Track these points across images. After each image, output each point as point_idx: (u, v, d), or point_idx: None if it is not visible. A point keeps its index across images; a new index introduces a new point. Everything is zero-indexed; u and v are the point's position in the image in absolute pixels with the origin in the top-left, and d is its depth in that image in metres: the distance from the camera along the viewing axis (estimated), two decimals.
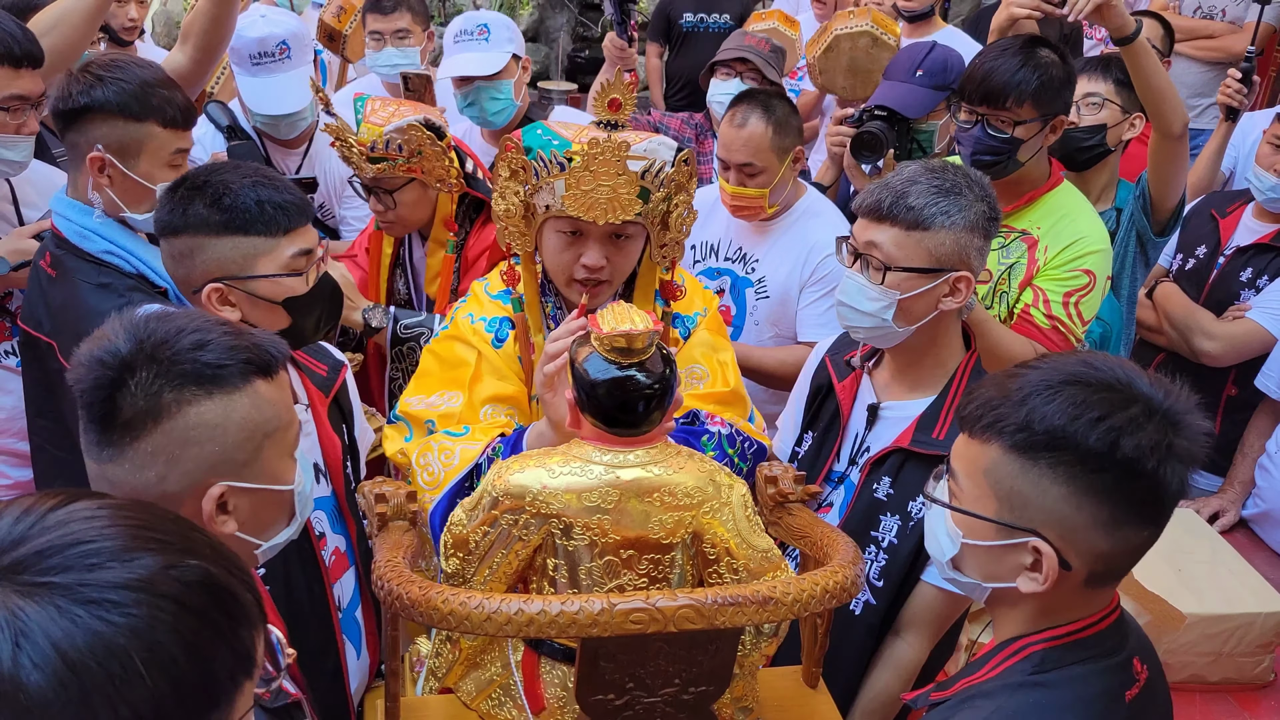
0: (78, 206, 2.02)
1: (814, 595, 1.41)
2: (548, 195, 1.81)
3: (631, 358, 1.50)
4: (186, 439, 1.20)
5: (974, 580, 1.29)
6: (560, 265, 1.89)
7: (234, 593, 0.84)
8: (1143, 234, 2.90)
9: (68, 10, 2.32)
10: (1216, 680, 2.72)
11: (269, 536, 1.33)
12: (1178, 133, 2.64)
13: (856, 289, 1.85)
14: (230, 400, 1.23)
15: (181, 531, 0.85)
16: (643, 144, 1.80)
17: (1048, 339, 2.31)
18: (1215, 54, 4.56)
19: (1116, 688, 1.23)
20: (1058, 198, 2.44)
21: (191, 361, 1.21)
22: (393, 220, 2.51)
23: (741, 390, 2.06)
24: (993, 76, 2.31)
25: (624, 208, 1.77)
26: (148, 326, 1.22)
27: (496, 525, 1.54)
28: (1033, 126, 2.32)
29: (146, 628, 0.76)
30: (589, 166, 1.74)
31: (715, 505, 1.54)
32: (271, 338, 1.32)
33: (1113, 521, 1.17)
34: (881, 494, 1.90)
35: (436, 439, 1.90)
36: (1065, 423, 1.15)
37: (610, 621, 1.32)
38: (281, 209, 1.72)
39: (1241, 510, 3.32)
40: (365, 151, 2.38)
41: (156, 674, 0.75)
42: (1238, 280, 3.29)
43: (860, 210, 1.84)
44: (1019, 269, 2.39)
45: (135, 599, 0.76)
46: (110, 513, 0.82)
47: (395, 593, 1.40)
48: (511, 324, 1.98)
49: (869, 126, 2.75)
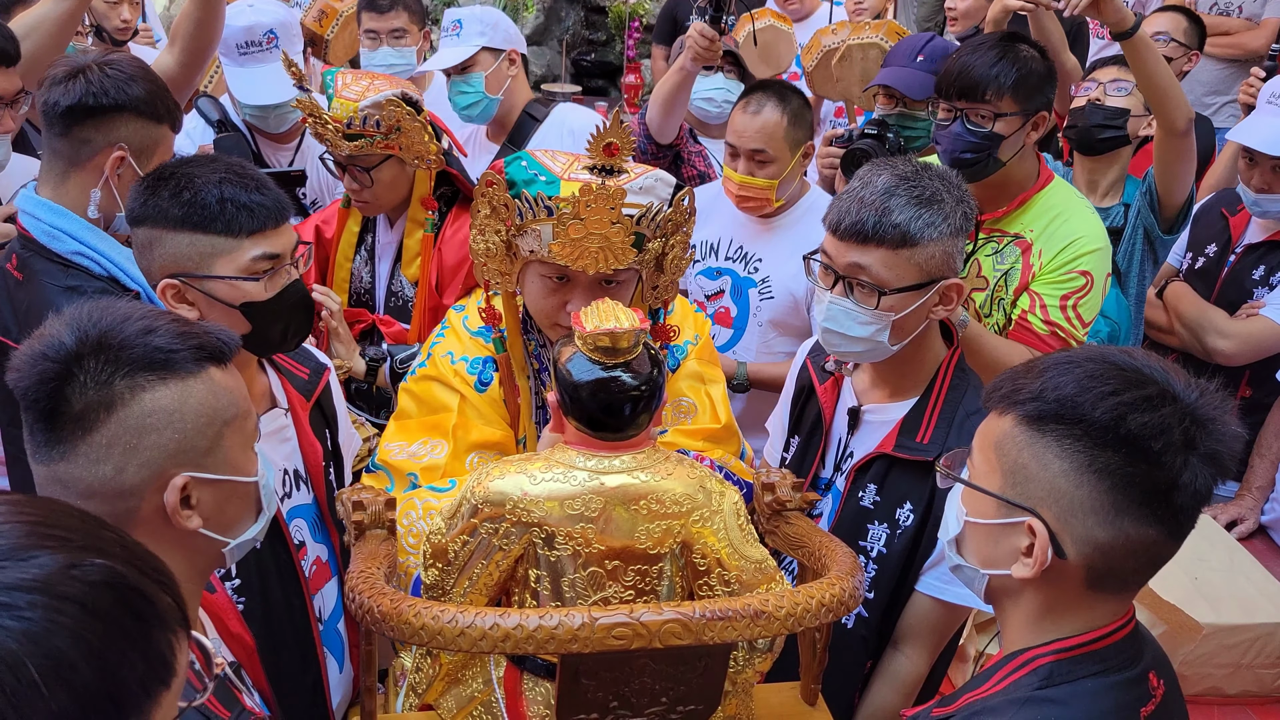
0: (47, 205, 1.97)
1: (809, 609, 1.35)
2: (532, 240, 1.70)
3: (616, 358, 1.44)
4: (143, 426, 1.16)
5: (973, 566, 1.25)
6: (545, 310, 1.79)
7: (145, 593, 0.77)
8: (1150, 231, 2.86)
9: (43, 17, 2.31)
10: (1235, 693, 2.65)
11: (236, 533, 1.28)
12: (1182, 128, 2.60)
13: (844, 314, 1.74)
14: (185, 386, 1.18)
15: (87, 528, 0.78)
16: (638, 181, 1.70)
17: (1046, 345, 2.26)
18: (1232, 50, 4.53)
19: (1131, 703, 1.17)
20: (1049, 197, 2.38)
21: (142, 346, 1.16)
22: (368, 200, 2.45)
23: (733, 425, 1.97)
24: (970, 70, 2.25)
25: (617, 256, 1.66)
26: (90, 317, 1.18)
27: (476, 534, 1.48)
28: (1013, 121, 2.26)
29: (43, 633, 0.70)
30: (579, 214, 1.63)
31: (705, 513, 1.48)
32: (220, 327, 1.28)
33: (1113, 507, 1.13)
34: (868, 502, 1.84)
35: (420, 495, 1.80)
36: (1076, 393, 1.13)
37: (591, 637, 1.27)
38: (246, 209, 1.65)
39: (1261, 517, 3.23)
40: (341, 128, 2.30)
41: (55, 684, 0.69)
42: (1250, 278, 3.21)
43: (838, 231, 1.73)
44: (1014, 275, 2.34)
45: (30, 601, 0.70)
46: (6, 509, 0.76)
47: (366, 605, 1.35)
48: (495, 365, 1.89)
49: (859, 144, 2.71)
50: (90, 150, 1.96)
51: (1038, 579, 1.17)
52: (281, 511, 1.78)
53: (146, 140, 1.98)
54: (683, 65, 2.82)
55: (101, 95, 1.92)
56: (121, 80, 1.94)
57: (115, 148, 1.95)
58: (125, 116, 1.95)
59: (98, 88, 1.92)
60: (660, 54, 5.39)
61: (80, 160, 1.97)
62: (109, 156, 1.95)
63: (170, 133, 2.04)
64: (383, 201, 2.47)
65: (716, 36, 2.74)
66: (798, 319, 2.74)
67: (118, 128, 1.95)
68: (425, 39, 3.58)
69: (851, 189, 1.75)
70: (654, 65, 5.43)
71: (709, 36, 2.73)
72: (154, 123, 1.99)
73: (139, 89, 1.95)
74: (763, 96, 2.66)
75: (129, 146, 1.96)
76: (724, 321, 2.81)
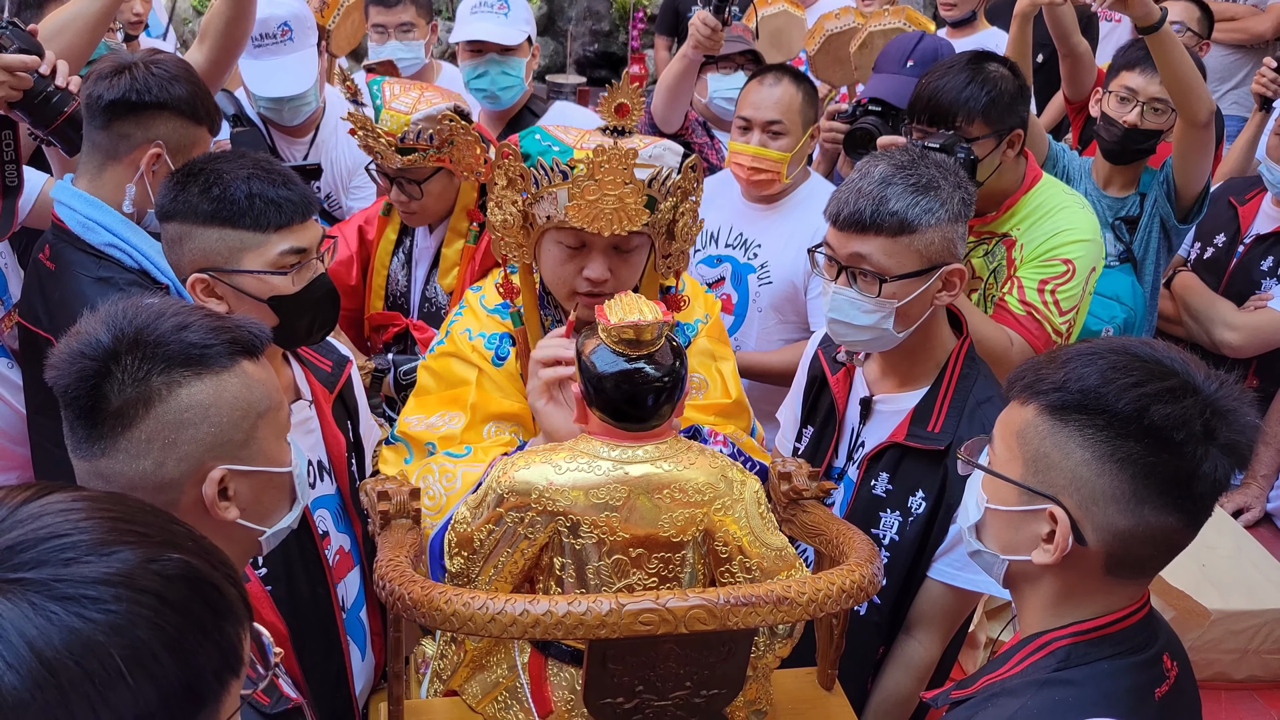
0: (83, 196, 1.99)
1: (830, 595, 1.37)
2: (549, 205, 1.72)
3: (640, 349, 1.45)
4: (180, 421, 1.19)
5: (993, 552, 1.27)
6: (561, 278, 1.80)
7: (218, 587, 0.80)
8: (1166, 220, 2.87)
9: (75, 15, 2.30)
10: (1242, 678, 2.67)
11: (272, 522, 1.31)
12: (1203, 121, 2.61)
13: (848, 304, 1.78)
14: (220, 380, 1.21)
15: (161, 524, 0.81)
16: (648, 149, 1.72)
17: (1022, 326, 2.26)
18: (1237, 36, 4.52)
19: (1146, 685, 1.19)
20: (1037, 197, 2.39)
21: (177, 343, 1.19)
22: (415, 210, 2.42)
23: (744, 400, 1.98)
24: (939, 95, 2.25)
25: (630, 218, 1.68)
26: (125, 315, 1.20)
27: (501, 523, 1.50)
28: (987, 144, 2.25)
29: (127, 624, 0.72)
30: (594, 175, 1.65)
31: (727, 502, 1.49)
32: (251, 320, 1.31)
33: (1134, 496, 1.15)
34: (880, 490, 1.87)
35: (437, 460, 1.82)
36: (1099, 384, 1.15)
37: (619, 622, 1.29)
38: (274, 204, 1.68)
39: (1267, 504, 3.26)
40: (394, 142, 2.27)
41: (138, 673, 0.72)
42: (1258, 269, 3.22)
43: (838, 222, 1.76)
44: (1001, 270, 2.37)
45: (114, 594, 0.73)
46: (86, 505, 0.78)
47: (397, 593, 1.36)
48: (512, 340, 1.91)
49: (863, 122, 2.70)
50: (128, 145, 1.98)
51: (1057, 564, 1.19)
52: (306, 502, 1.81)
53: (184, 140, 2.01)
54: (685, 53, 2.84)
55: (145, 92, 1.95)
56: (165, 79, 1.97)
57: (153, 144, 1.98)
58: (165, 115, 1.98)
59: (141, 84, 1.95)
60: (663, 44, 5.39)
61: (118, 154, 1.99)
62: (146, 153, 1.98)
63: (208, 134, 2.06)
64: (430, 213, 2.45)
65: (719, 25, 2.75)
66: (796, 306, 2.74)
67: (157, 125, 1.98)
68: (433, 32, 3.58)
69: (850, 180, 1.78)
70: (657, 56, 5.43)
71: (711, 25, 2.75)
72: (193, 123, 2.02)
73: (181, 89, 1.98)
74: (779, 73, 2.69)
75: (166, 144, 1.99)
76: (725, 309, 2.81)
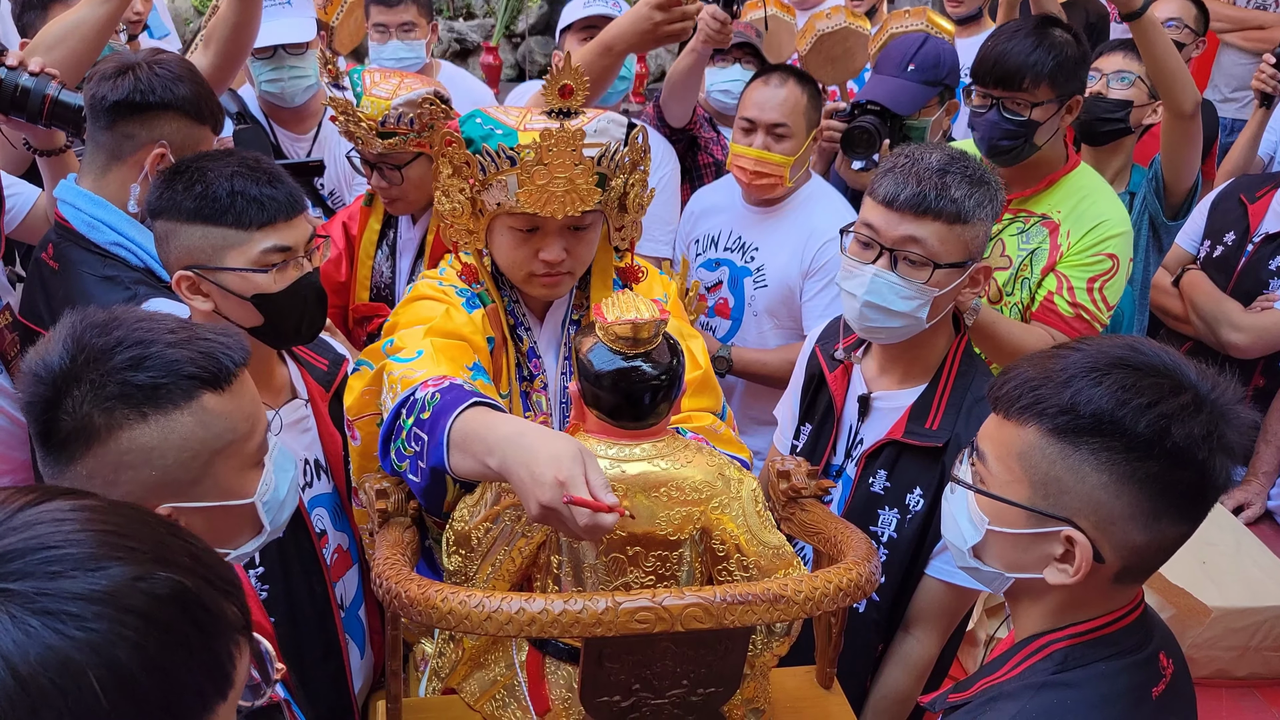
0: (88, 196, 1.99)
1: (827, 593, 1.37)
2: (499, 192, 1.68)
3: (637, 348, 1.45)
4: (120, 463, 1.14)
5: (995, 570, 1.23)
6: (516, 262, 1.76)
7: (208, 606, 0.78)
8: (1155, 218, 2.87)
9: (82, 19, 2.29)
10: (1243, 675, 2.66)
11: (235, 546, 1.28)
12: (1189, 111, 2.61)
13: (888, 288, 1.75)
14: (168, 421, 1.16)
15: (158, 538, 0.79)
16: (593, 124, 1.69)
17: (1070, 327, 2.26)
18: (1264, 45, 4.46)
19: (1143, 684, 1.19)
20: (1077, 179, 2.39)
21: (120, 383, 1.13)
22: (397, 197, 2.45)
23: (711, 374, 1.93)
24: (1007, 58, 2.25)
25: (583, 198, 1.66)
26: (85, 338, 1.15)
27: (499, 521, 1.50)
28: (1049, 108, 2.27)
29: (106, 644, 0.71)
30: (543, 160, 1.62)
31: (724, 500, 1.49)
32: (229, 340, 1.24)
33: (1153, 513, 1.12)
34: (878, 488, 1.87)
35: (388, 368, 1.71)
36: (1113, 407, 1.11)
37: (615, 621, 1.28)
38: (256, 202, 1.67)
39: (1267, 502, 3.25)
40: (374, 126, 2.31)
41: (114, 694, 0.70)
42: (1266, 268, 3.19)
43: (895, 204, 1.73)
44: (1041, 254, 2.34)
45: (96, 612, 0.71)
46: (83, 515, 0.77)
47: (394, 591, 1.36)
48: (483, 304, 1.84)
49: (861, 122, 2.69)
50: (132, 146, 1.98)
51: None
52: (303, 501, 1.80)
53: (188, 140, 2.01)
54: (694, 48, 2.83)
55: (149, 93, 1.95)
56: (169, 79, 1.97)
57: (157, 145, 1.98)
58: (169, 115, 1.98)
59: (145, 85, 1.95)
60: None
61: (122, 155, 1.99)
62: (150, 153, 1.98)
63: (211, 135, 2.06)
64: (411, 199, 2.46)
65: (728, 19, 2.74)
66: (791, 309, 2.73)
67: (161, 125, 1.98)
68: (434, 32, 3.59)
69: (900, 165, 1.76)
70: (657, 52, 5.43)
71: (720, 19, 2.73)
72: (197, 123, 2.03)
73: (185, 89, 1.98)
74: (784, 74, 2.68)
75: (170, 144, 1.99)
76: (723, 313, 2.81)
